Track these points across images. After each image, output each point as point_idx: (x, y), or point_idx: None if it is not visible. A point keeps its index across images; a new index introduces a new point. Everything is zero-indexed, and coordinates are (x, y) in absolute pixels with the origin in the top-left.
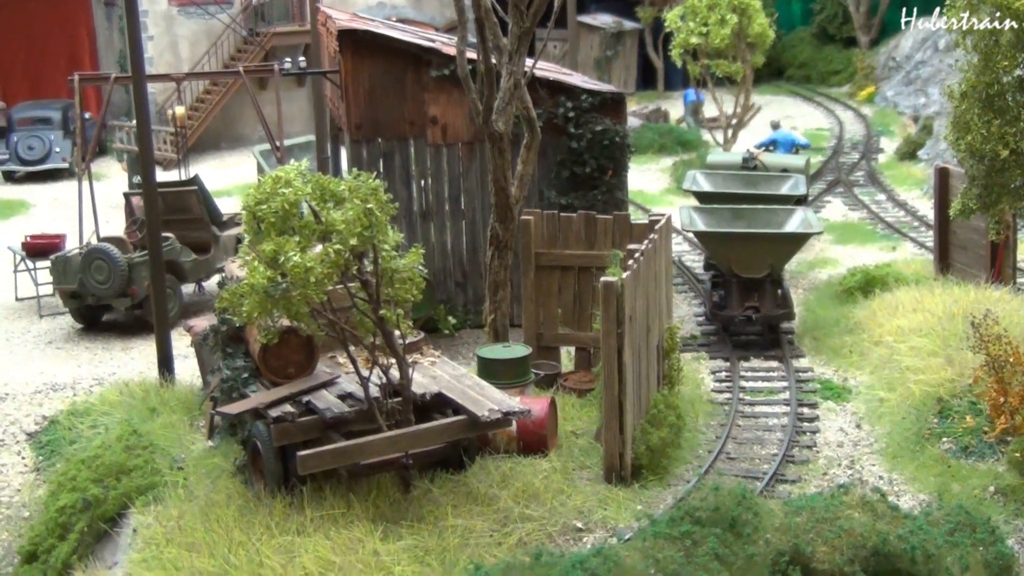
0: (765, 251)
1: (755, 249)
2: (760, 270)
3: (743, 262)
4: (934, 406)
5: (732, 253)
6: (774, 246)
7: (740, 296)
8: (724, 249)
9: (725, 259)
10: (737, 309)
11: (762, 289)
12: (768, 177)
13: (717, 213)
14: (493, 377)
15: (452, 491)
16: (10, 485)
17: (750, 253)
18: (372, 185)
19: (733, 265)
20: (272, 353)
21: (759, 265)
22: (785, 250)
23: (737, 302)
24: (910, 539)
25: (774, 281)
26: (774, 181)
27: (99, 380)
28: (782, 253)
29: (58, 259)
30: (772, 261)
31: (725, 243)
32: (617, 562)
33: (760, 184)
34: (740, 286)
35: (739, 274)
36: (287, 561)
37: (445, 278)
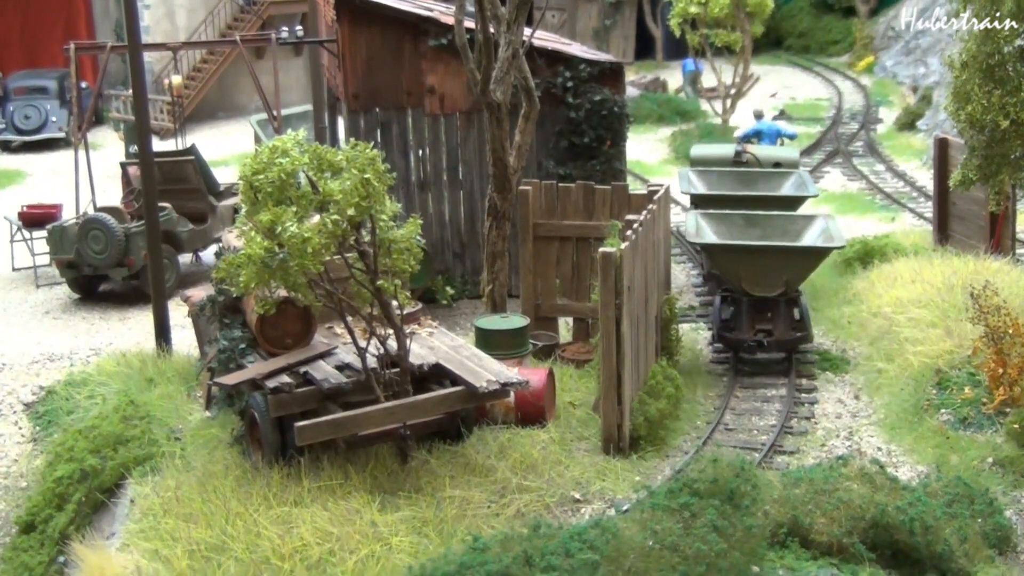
0: (780, 266)
1: (769, 264)
2: (774, 288)
3: (755, 278)
4: (933, 377)
5: (743, 268)
6: (792, 261)
7: (751, 317)
8: (734, 263)
9: (735, 275)
10: (747, 332)
11: (776, 309)
12: (767, 175)
13: (727, 221)
14: (491, 348)
15: (450, 462)
16: (7, 455)
17: (763, 268)
18: (370, 155)
19: (743, 282)
20: (269, 324)
21: (773, 282)
22: (804, 265)
23: (747, 323)
24: (909, 511)
25: (789, 300)
26: (774, 179)
27: (96, 350)
28: (800, 269)
29: (55, 229)
30: (788, 278)
31: (735, 257)
32: (615, 534)
33: (759, 183)
34: (751, 305)
35: (750, 292)
36: (285, 532)
37: (443, 248)
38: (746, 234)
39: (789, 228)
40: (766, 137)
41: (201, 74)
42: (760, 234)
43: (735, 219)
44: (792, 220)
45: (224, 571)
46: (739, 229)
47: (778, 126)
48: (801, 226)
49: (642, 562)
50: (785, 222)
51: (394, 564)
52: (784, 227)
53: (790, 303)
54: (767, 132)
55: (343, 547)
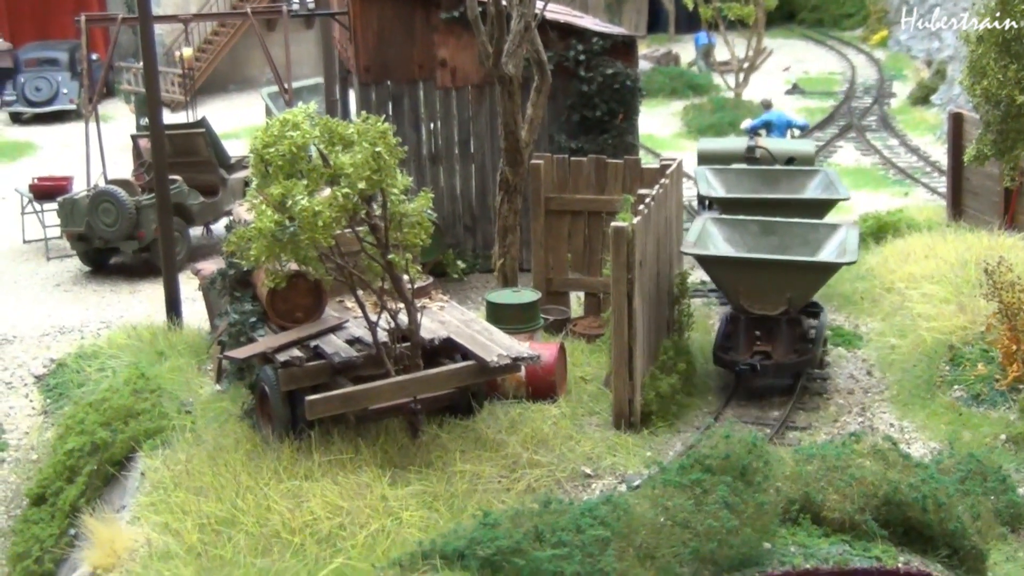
0: (783, 282)
1: (770, 279)
2: (775, 305)
3: (754, 294)
4: (946, 353)
5: (741, 283)
6: (795, 277)
7: (748, 336)
8: (731, 278)
9: (732, 290)
10: (743, 353)
11: (776, 329)
12: (791, 175)
13: (741, 228)
14: (502, 322)
15: (460, 437)
16: (18, 428)
17: (764, 284)
18: (381, 128)
19: (742, 298)
20: (280, 297)
21: (774, 299)
22: (809, 282)
23: (744, 344)
24: (921, 488)
25: (792, 321)
26: (798, 179)
27: (107, 323)
28: (805, 286)
29: (65, 201)
30: (792, 295)
31: (732, 270)
32: (626, 510)
33: (782, 183)
34: (749, 324)
35: (748, 309)
36: (295, 506)
37: (454, 222)
38: (761, 243)
39: (810, 238)
40: (776, 128)
41: (212, 46)
42: (777, 243)
43: (750, 226)
44: (814, 229)
45: (234, 545)
46: (754, 237)
47: (788, 116)
48: (823, 236)
49: (653, 538)
50: (806, 231)
51: (404, 538)
52: (805, 236)
53: (793, 323)
54: (777, 123)
55: (353, 521)
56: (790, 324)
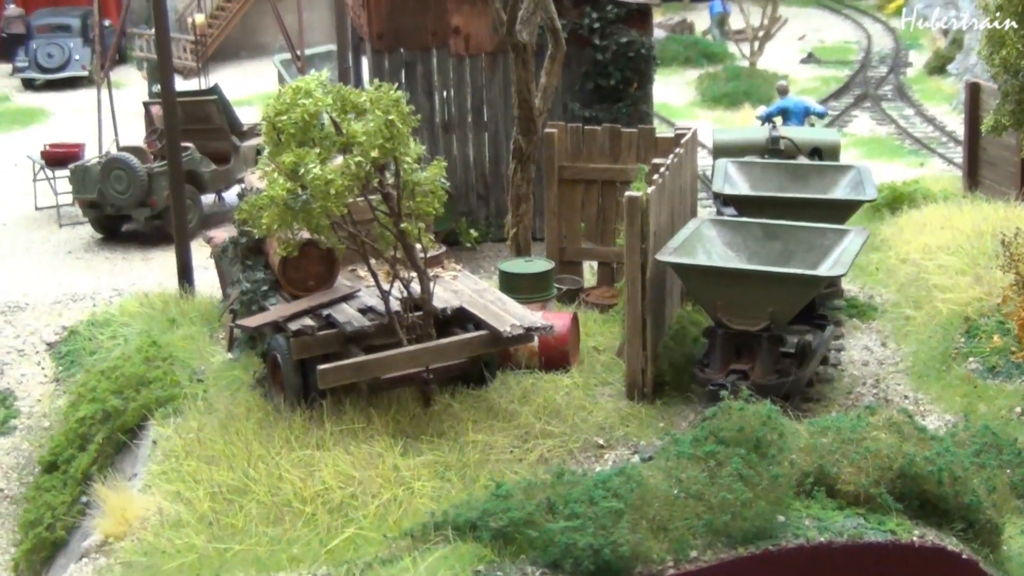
0: (764, 296)
1: (750, 292)
2: (756, 321)
3: (733, 308)
4: (961, 325)
5: (719, 295)
6: (777, 290)
7: (725, 353)
8: (708, 289)
9: (709, 302)
10: (719, 372)
11: (756, 347)
12: (821, 170)
13: (743, 231)
14: (515, 292)
15: (473, 407)
16: (30, 395)
17: (743, 297)
18: (394, 96)
19: (719, 311)
20: (292, 266)
21: (755, 314)
22: (792, 296)
23: (720, 361)
24: (937, 461)
25: (774, 338)
26: (828, 175)
27: (119, 291)
28: (789, 300)
29: (77, 168)
30: (774, 309)
31: (709, 281)
32: (640, 482)
33: (811, 180)
34: (727, 339)
35: (727, 324)
36: (307, 475)
37: (467, 191)
38: (764, 249)
39: (816, 244)
40: (793, 116)
41: (224, 13)
42: (781, 249)
43: (752, 229)
44: (821, 235)
45: (246, 513)
46: (756, 242)
47: (805, 102)
48: (831, 242)
49: (667, 511)
50: (813, 236)
51: (416, 508)
52: (811, 242)
53: (775, 340)
54: (794, 110)
55: (365, 491)
56: (772, 342)
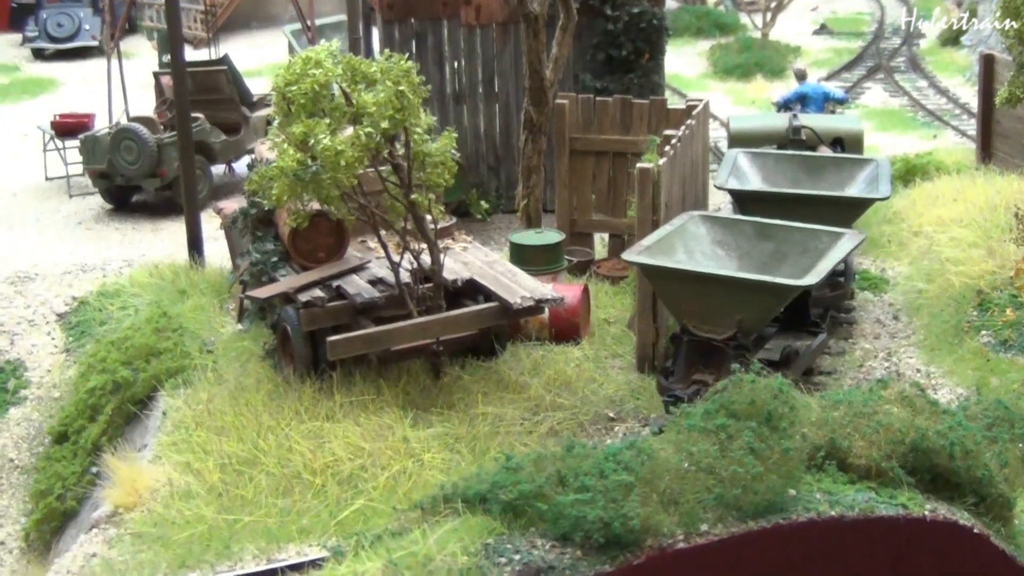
0: (731, 303)
1: (718, 299)
2: (723, 329)
3: (700, 315)
4: (974, 298)
5: (685, 300)
6: (746, 297)
7: (689, 361)
8: (675, 293)
9: (675, 307)
10: (680, 380)
11: (721, 357)
12: (838, 163)
13: (735, 229)
14: (525, 263)
15: (483, 379)
16: (40, 365)
17: (710, 303)
18: (404, 67)
19: (685, 317)
20: (302, 237)
21: (722, 322)
22: (762, 305)
23: (683, 369)
24: (949, 435)
25: (741, 347)
26: (846, 169)
27: (129, 261)
28: (758, 309)
29: (87, 139)
30: (741, 317)
31: (676, 284)
32: (650, 455)
33: (828, 173)
34: (692, 347)
35: (693, 331)
36: (316, 447)
37: (478, 162)
38: (756, 249)
39: (811, 246)
40: (812, 102)
41: None
42: (773, 250)
43: (744, 227)
44: (816, 237)
45: (256, 485)
46: (748, 241)
47: (825, 87)
48: (825, 245)
49: (677, 484)
50: (806, 238)
51: (426, 480)
52: (805, 244)
53: (742, 350)
54: (813, 96)
55: (375, 463)
56: (739, 352)
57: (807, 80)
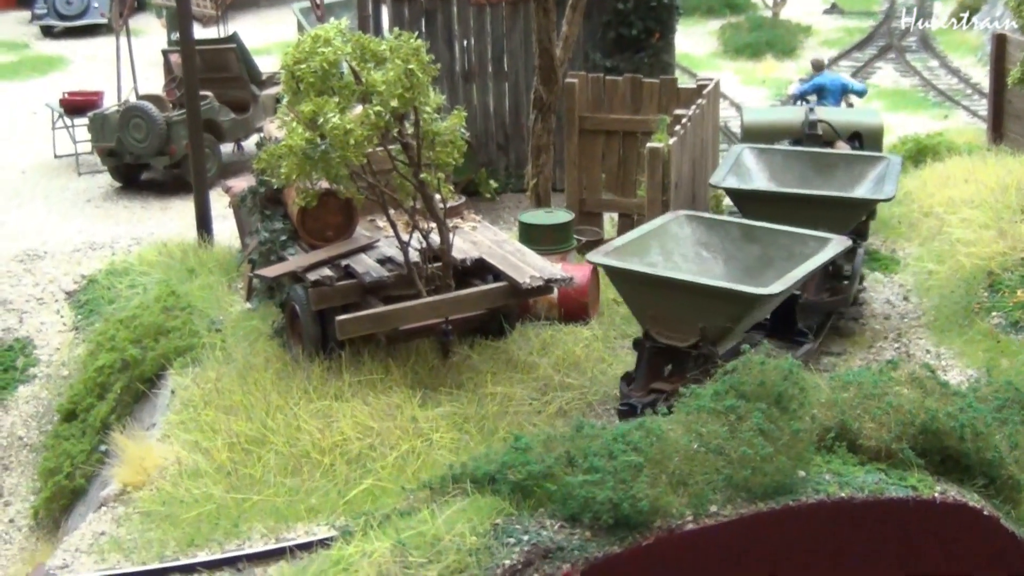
0: (694, 310)
1: (680, 305)
2: (685, 336)
3: (663, 321)
4: (984, 279)
5: (649, 305)
6: (707, 305)
7: (649, 369)
8: (638, 297)
9: (640, 311)
10: (639, 388)
11: (682, 366)
12: (849, 161)
13: (721, 230)
14: (535, 243)
15: (492, 358)
16: (49, 344)
17: (673, 310)
18: (414, 45)
19: (648, 322)
20: (311, 216)
21: (684, 329)
22: (726, 313)
23: (644, 377)
24: (959, 416)
25: (702, 357)
26: (856, 167)
27: (137, 240)
28: (721, 317)
29: (96, 117)
30: (705, 325)
31: (638, 288)
32: (660, 436)
33: (838, 171)
34: (654, 354)
35: (655, 338)
36: (325, 426)
37: (487, 141)
38: (741, 252)
39: (796, 251)
40: (829, 95)
41: None
42: (759, 254)
43: (730, 229)
44: (802, 241)
45: (264, 464)
46: (733, 244)
47: (843, 79)
48: (811, 251)
49: (686, 465)
50: (792, 242)
51: (435, 460)
52: (790, 249)
53: (703, 360)
54: (831, 87)
55: (383, 442)
56: (700, 362)
57: (825, 71)
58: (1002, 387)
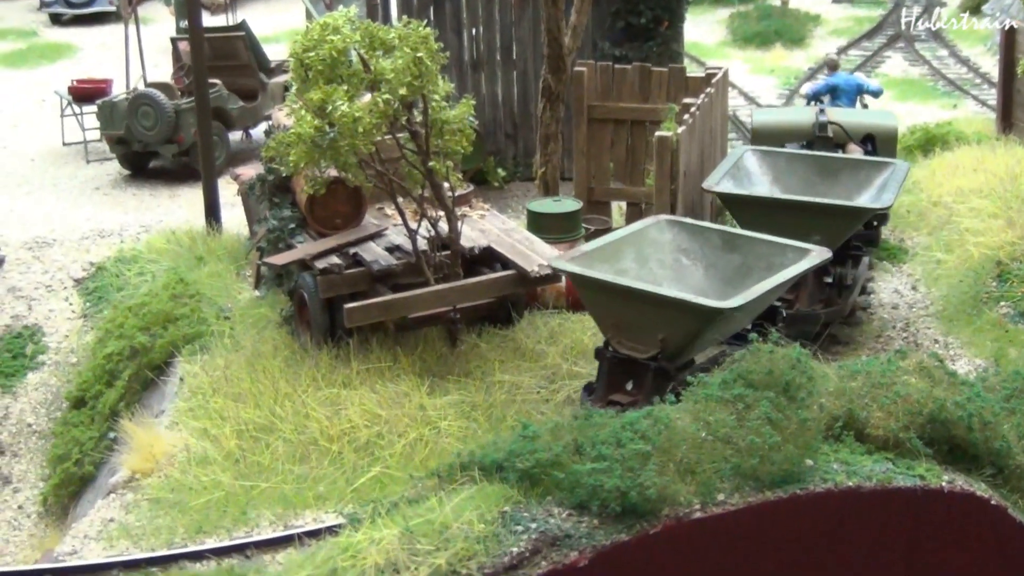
0: (654, 320)
1: (640, 315)
2: (646, 347)
3: (624, 331)
4: (993, 269)
5: (610, 313)
6: (668, 316)
7: (609, 379)
8: (601, 305)
9: (602, 320)
10: (599, 399)
11: (642, 377)
12: (854, 166)
13: (703, 236)
14: (543, 231)
15: (499, 346)
16: (58, 331)
17: (633, 320)
18: (422, 33)
19: (610, 331)
20: (319, 204)
21: (645, 340)
22: (684, 326)
23: (603, 387)
24: (967, 406)
25: (660, 371)
26: (862, 173)
27: (146, 227)
28: (681, 329)
29: (105, 104)
30: (665, 336)
31: (600, 296)
32: (667, 424)
33: (843, 175)
34: (614, 364)
35: (616, 348)
36: (333, 413)
37: (495, 130)
38: (721, 261)
39: (776, 262)
40: (843, 95)
41: None
42: (739, 264)
43: (711, 236)
44: (782, 252)
45: (272, 451)
46: (714, 252)
47: (858, 79)
48: (790, 261)
49: (694, 453)
50: (773, 252)
51: (442, 448)
52: (770, 259)
53: (662, 374)
54: (845, 87)
55: (391, 430)
56: (658, 375)
57: (840, 71)
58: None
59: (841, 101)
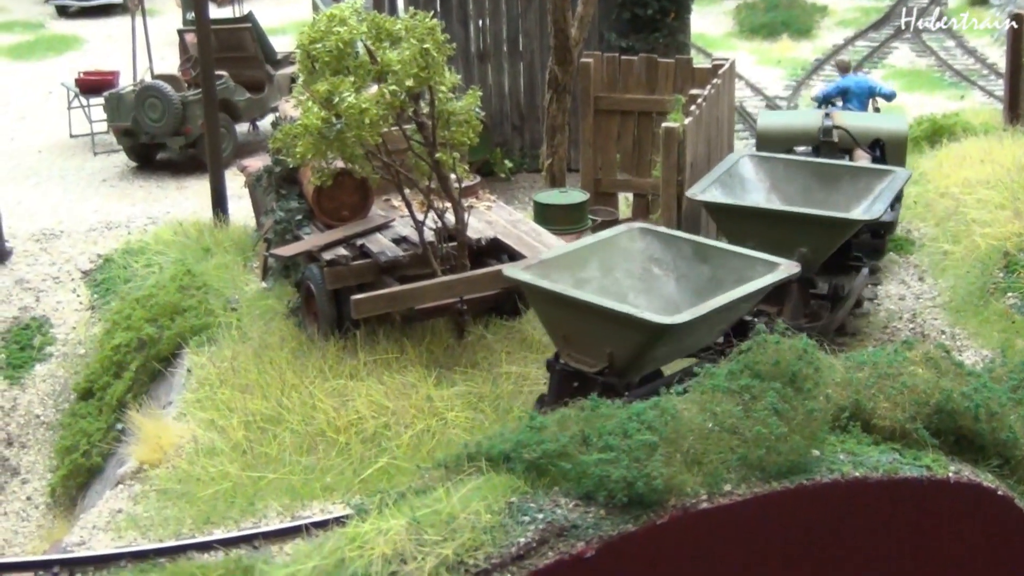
0: (602, 334)
1: (589, 328)
2: (594, 361)
3: (574, 344)
4: (1000, 260)
5: (561, 325)
6: (615, 330)
7: (558, 391)
8: (554, 318)
9: (554, 332)
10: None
11: (591, 391)
12: (854, 173)
13: (675, 246)
14: (549, 223)
15: (506, 338)
16: (66, 322)
17: (582, 333)
18: (429, 24)
19: (560, 343)
20: (326, 195)
21: (593, 353)
22: (631, 341)
23: (551, 399)
24: (974, 396)
25: (609, 386)
26: (862, 180)
27: (153, 219)
28: (628, 345)
29: (112, 96)
30: (612, 351)
31: (553, 308)
32: (674, 415)
33: (843, 183)
34: (563, 377)
35: (565, 360)
36: (340, 405)
37: (502, 121)
38: (693, 272)
39: (746, 275)
40: (854, 98)
41: None
42: (709, 276)
43: (683, 247)
44: (751, 265)
45: (280, 442)
46: (685, 263)
47: (870, 81)
48: (759, 275)
49: (701, 444)
50: (742, 265)
51: (449, 439)
52: (741, 272)
53: (610, 389)
54: (856, 90)
55: (398, 421)
56: (606, 390)
57: (850, 73)
58: (1017, 367)
59: (852, 104)
